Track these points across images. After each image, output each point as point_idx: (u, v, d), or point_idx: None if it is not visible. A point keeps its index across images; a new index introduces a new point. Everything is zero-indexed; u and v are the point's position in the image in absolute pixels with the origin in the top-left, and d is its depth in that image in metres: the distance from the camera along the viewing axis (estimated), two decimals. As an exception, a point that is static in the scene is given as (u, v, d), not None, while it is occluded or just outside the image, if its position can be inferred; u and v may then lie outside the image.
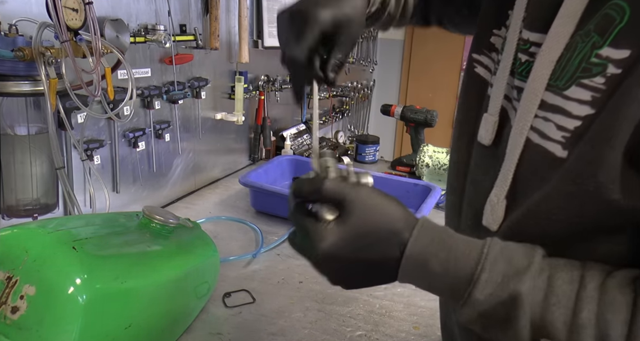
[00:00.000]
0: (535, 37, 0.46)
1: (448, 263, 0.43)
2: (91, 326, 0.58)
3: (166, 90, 1.27)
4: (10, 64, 0.83)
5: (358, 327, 0.86)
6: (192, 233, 0.85)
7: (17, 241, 0.60)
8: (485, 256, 0.42)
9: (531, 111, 0.43)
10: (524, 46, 0.47)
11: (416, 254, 0.43)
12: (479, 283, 0.41)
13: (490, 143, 0.51)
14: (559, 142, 0.41)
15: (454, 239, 0.44)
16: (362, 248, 0.45)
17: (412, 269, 0.44)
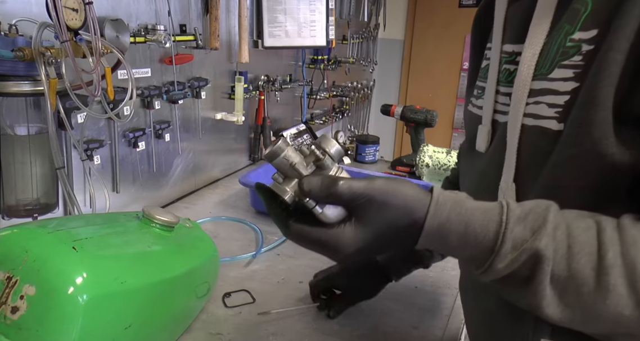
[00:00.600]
0: (518, 48, 0.53)
1: (467, 237, 0.44)
2: (91, 326, 0.58)
3: (166, 90, 1.28)
4: (10, 64, 0.83)
5: (358, 327, 0.86)
6: (192, 233, 0.85)
7: (17, 241, 0.60)
8: (505, 226, 0.43)
9: (522, 99, 0.50)
10: (510, 57, 0.55)
11: (434, 231, 0.45)
12: (499, 254, 0.43)
13: (485, 150, 0.58)
14: (553, 118, 0.47)
15: (470, 211, 0.45)
16: (383, 243, 0.47)
17: (431, 243, 0.46)
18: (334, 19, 1.78)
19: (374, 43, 2.78)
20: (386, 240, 0.47)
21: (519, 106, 0.50)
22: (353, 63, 2.45)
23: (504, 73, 0.56)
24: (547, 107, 0.48)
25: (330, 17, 1.74)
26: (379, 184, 0.46)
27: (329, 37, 1.76)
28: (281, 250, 1.13)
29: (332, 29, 1.77)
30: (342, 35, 2.37)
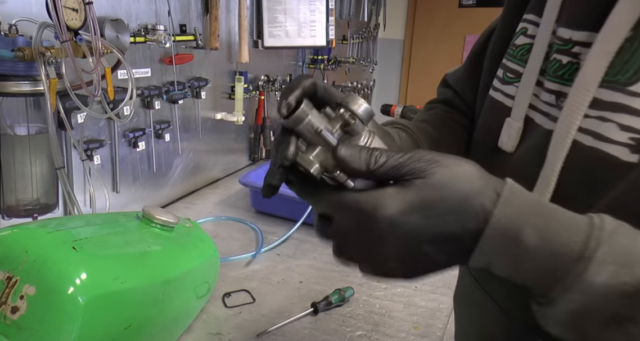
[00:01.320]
0: (580, 36, 0.42)
1: (549, 233, 0.33)
2: (91, 326, 0.58)
3: (166, 90, 1.28)
4: (10, 64, 0.83)
5: (358, 327, 0.86)
6: (192, 233, 0.85)
7: (17, 241, 0.60)
8: (600, 227, 0.32)
9: (580, 109, 0.39)
10: (565, 46, 0.43)
11: (506, 221, 0.33)
12: (593, 260, 0.31)
13: (513, 150, 0.48)
14: (626, 145, 0.36)
15: (552, 207, 0.35)
16: (433, 216, 0.34)
17: (498, 241, 0.34)
18: (334, 19, 1.78)
19: (374, 43, 2.78)
20: (438, 210, 0.34)
21: (573, 116, 0.39)
22: (353, 63, 2.45)
23: (553, 64, 0.44)
24: (617, 129, 0.37)
25: (330, 17, 1.74)
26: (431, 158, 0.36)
27: (329, 37, 1.76)
28: (281, 250, 1.13)
29: (332, 29, 1.77)
30: (342, 35, 2.37)
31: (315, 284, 0.99)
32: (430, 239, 0.35)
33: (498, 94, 0.52)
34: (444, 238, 0.35)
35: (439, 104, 0.69)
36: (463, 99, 0.66)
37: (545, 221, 0.33)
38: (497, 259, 0.35)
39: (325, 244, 0.41)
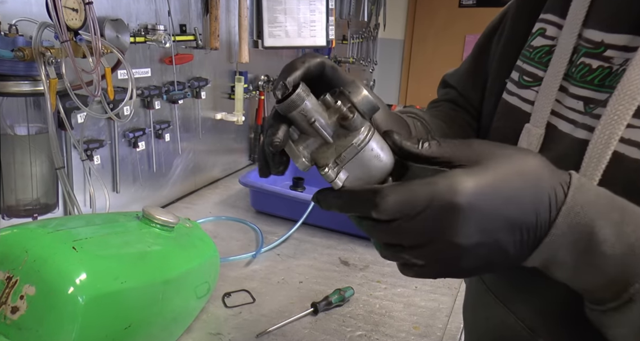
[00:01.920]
0: (614, 39, 0.39)
1: (624, 228, 0.30)
2: (91, 326, 0.58)
3: (166, 90, 1.28)
4: (10, 64, 0.83)
5: (358, 327, 0.86)
6: (192, 233, 0.85)
7: (17, 241, 0.60)
8: None
9: (623, 119, 0.36)
10: (596, 50, 0.41)
11: (579, 208, 0.31)
12: None
13: None
14: None
15: (623, 200, 0.32)
16: (510, 199, 0.31)
17: (569, 231, 0.31)
18: (334, 19, 1.78)
19: (374, 43, 2.78)
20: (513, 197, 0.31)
21: (615, 126, 0.36)
22: (353, 63, 2.45)
23: (581, 68, 0.41)
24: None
25: (330, 17, 1.74)
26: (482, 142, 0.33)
27: (329, 37, 1.76)
28: (281, 250, 1.13)
29: (332, 29, 1.77)
30: (342, 35, 2.37)
31: (315, 284, 0.99)
32: (506, 225, 0.31)
33: (514, 99, 0.49)
34: (519, 225, 0.31)
35: (444, 102, 0.68)
36: (467, 99, 0.65)
37: (621, 214, 0.31)
38: (564, 255, 0.32)
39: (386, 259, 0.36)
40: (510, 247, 0.32)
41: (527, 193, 0.31)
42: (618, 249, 0.30)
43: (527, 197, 0.31)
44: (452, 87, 0.69)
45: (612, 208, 0.31)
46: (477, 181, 0.31)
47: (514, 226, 0.31)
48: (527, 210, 0.31)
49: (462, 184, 0.30)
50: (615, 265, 0.30)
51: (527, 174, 0.31)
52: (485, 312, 0.56)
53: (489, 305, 0.54)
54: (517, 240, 0.32)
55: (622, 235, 0.30)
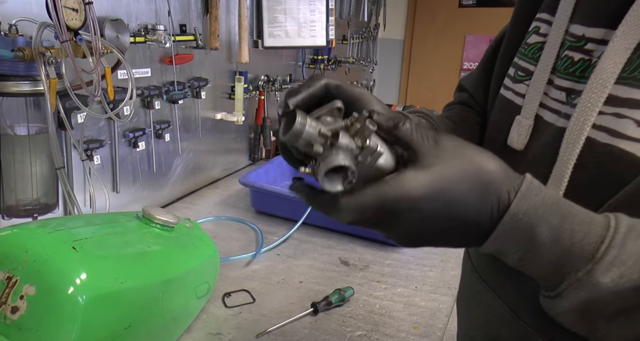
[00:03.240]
0: (594, 32, 0.42)
1: (561, 232, 0.34)
2: (91, 326, 0.58)
3: (166, 90, 1.28)
4: (10, 64, 0.83)
5: (358, 327, 0.86)
6: (192, 233, 0.85)
7: (17, 241, 0.60)
8: (615, 230, 0.33)
9: (595, 106, 0.39)
10: (577, 43, 0.43)
11: (522, 215, 0.34)
12: (602, 261, 0.33)
13: (523, 148, 0.47)
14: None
15: (569, 205, 0.35)
16: (453, 200, 0.35)
17: (512, 233, 0.35)
18: (334, 19, 1.78)
19: (374, 43, 2.78)
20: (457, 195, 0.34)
21: (587, 113, 0.39)
22: (353, 63, 2.46)
23: (565, 61, 0.44)
24: (634, 126, 0.37)
25: (330, 17, 1.74)
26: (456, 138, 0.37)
27: (329, 37, 1.76)
28: (281, 250, 1.13)
29: (332, 29, 1.77)
30: (342, 35, 2.37)
31: (315, 284, 0.99)
32: (448, 221, 0.35)
33: (509, 93, 0.52)
34: (461, 222, 0.35)
35: (457, 105, 0.70)
36: (477, 100, 0.68)
37: (561, 219, 0.34)
38: (509, 250, 0.36)
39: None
40: (455, 237, 0.37)
41: (473, 197, 0.35)
42: (554, 251, 0.34)
43: (471, 200, 0.35)
44: (465, 90, 0.71)
45: (554, 213, 0.34)
46: (423, 184, 0.34)
47: (456, 223, 0.35)
48: (470, 213, 0.35)
49: (406, 189, 0.34)
50: (551, 263, 0.35)
51: (478, 179, 0.35)
52: (476, 298, 0.59)
53: (480, 292, 0.57)
54: (462, 232, 0.36)
55: (558, 240, 0.34)
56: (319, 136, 0.35)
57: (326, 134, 0.35)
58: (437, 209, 0.35)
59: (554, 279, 0.35)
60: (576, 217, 0.35)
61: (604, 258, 0.33)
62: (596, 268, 0.33)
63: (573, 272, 0.34)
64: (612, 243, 0.33)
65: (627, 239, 0.33)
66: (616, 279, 0.32)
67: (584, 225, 0.34)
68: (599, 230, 0.34)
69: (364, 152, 0.35)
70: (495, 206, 0.35)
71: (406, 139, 0.36)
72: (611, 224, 0.34)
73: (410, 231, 0.37)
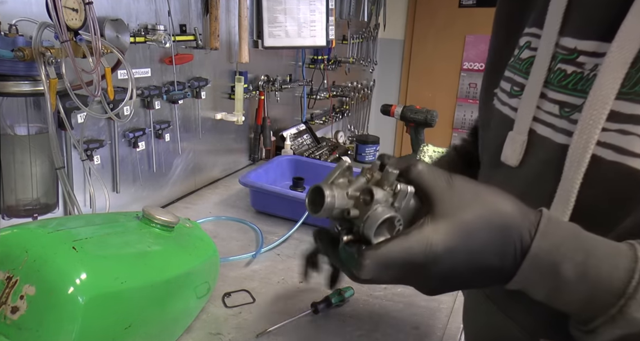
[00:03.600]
0: (586, 45, 0.41)
1: (587, 268, 0.33)
2: (91, 326, 0.58)
3: (166, 90, 1.27)
4: (10, 64, 0.83)
5: (358, 327, 0.86)
6: (192, 233, 0.85)
7: (17, 241, 0.60)
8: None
9: (598, 123, 0.38)
10: (570, 56, 0.42)
11: (544, 254, 0.34)
12: (635, 296, 0.32)
13: (518, 164, 0.47)
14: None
15: (591, 238, 0.35)
16: (475, 251, 0.35)
17: (535, 273, 0.35)
18: (334, 19, 1.78)
19: (374, 43, 2.78)
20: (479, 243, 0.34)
21: (590, 130, 0.38)
22: (353, 63, 2.45)
23: (557, 74, 0.44)
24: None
25: (330, 17, 1.74)
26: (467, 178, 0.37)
27: (329, 37, 1.76)
28: (281, 250, 1.13)
29: (332, 29, 1.77)
30: (342, 35, 2.37)
31: (315, 284, 0.99)
32: (471, 271, 0.36)
33: (506, 108, 0.51)
34: (484, 270, 0.36)
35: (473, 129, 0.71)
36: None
37: (585, 255, 0.34)
38: (535, 288, 0.36)
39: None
40: (480, 283, 0.37)
41: (494, 244, 0.35)
42: (582, 288, 0.34)
43: (493, 247, 0.35)
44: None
45: (577, 249, 0.34)
46: (445, 236, 0.34)
47: (480, 271, 0.36)
48: (492, 260, 0.35)
49: (430, 242, 0.34)
50: (580, 300, 0.34)
51: (497, 224, 0.35)
52: (484, 318, 0.57)
53: (489, 312, 0.55)
54: (485, 278, 0.36)
55: (585, 276, 0.33)
56: (350, 200, 0.36)
57: (355, 195, 0.37)
58: (461, 261, 0.35)
59: (585, 314, 0.35)
60: (600, 251, 0.34)
61: (637, 292, 0.32)
62: (629, 304, 0.32)
63: (605, 308, 0.33)
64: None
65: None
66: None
67: (609, 259, 0.33)
68: (626, 263, 0.33)
69: (399, 197, 0.36)
70: (517, 248, 0.34)
71: (419, 181, 0.37)
72: (638, 255, 0.33)
73: (434, 284, 0.37)
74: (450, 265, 0.35)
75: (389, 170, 0.37)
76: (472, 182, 0.37)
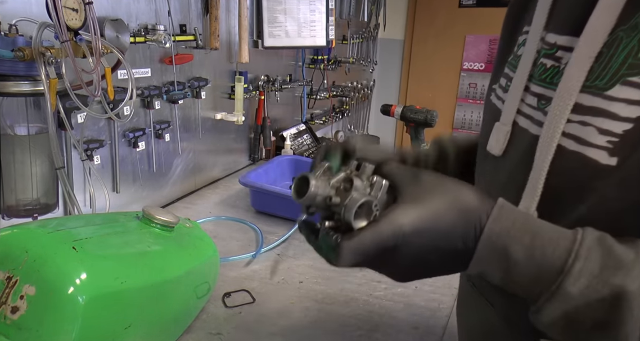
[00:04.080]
0: (564, 40, 0.43)
1: (533, 249, 0.37)
2: (91, 326, 0.58)
3: (166, 90, 1.27)
4: (10, 64, 0.83)
5: (358, 327, 0.86)
6: (192, 233, 0.85)
7: (17, 241, 0.60)
8: (580, 243, 0.36)
9: (563, 114, 0.40)
10: (550, 51, 0.44)
11: (495, 237, 0.37)
12: (571, 273, 0.35)
13: (501, 153, 0.49)
14: (604, 149, 0.37)
15: (539, 223, 0.38)
16: (440, 232, 0.38)
17: (489, 255, 0.38)
18: (334, 19, 1.78)
19: (374, 43, 2.78)
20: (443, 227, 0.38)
21: (557, 121, 0.40)
22: (353, 63, 2.45)
23: (540, 68, 0.45)
24: (597, 133, 0.38)
25: (330, 17, 1.74)
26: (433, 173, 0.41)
27: (329, 37, 1.76)
28: (281, 250, 1.13)
29: (332, 29, 1.77)
30: (342, 35, 2.37)
31: (315, 284, 0.99)
32: (438, 250, 0.39)
33: (499, 102, 0.53)
34: (448, 250, 0.39)
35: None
36: None
37: (532, 238, 0.37)
38: (491, 271, 0.39)
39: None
40: (446, 265, 0.41)
41: (457, 229, 0.38)
42: (530, 268, 0.37)
43: (457, 231, 0.38)
44: None
45: (525, 232, 0.37)
46: (413, 218, 0.38)
47: (444, 255, 0.39)
48: (456, 242, 0.39)
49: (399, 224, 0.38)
50: (530, 281, 0.37)
51: (459, 209, 0.38)
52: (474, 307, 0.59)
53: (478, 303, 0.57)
54: (448, 260, 0.40)
55: (532, 257, 0.37)
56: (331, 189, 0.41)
57: (337, 185, 0.41)
58: (428, 242, 0.38)
59: (535, 295, 0.37)
60: (546, 234, 0.37)
61: (572, 269, 0.35)
62: (565, 279, 0.35)
63: (548, 286, 0.36)
64: (578, 256, 0.35)
65: (592, 251, 0.35)
66: (584, 290, 0.35)
67: (553, 241, 0.37)
68: (567, 244, 0.36)
69: (375, 187, 0.41)
70: (477, 231, 0.38)
71: (390, 174, 0.41)
72: (577, 237, 0.36)
73: (403, 266, 0.41)
74: (418, 246, 0.38)
75: (366, 164, 0.42)
76: (438, 175, 0.41)
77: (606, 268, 0.35)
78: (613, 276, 0.34)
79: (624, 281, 0.34)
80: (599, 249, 0.36)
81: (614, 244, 0.36)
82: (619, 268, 0.35)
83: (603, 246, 0.36)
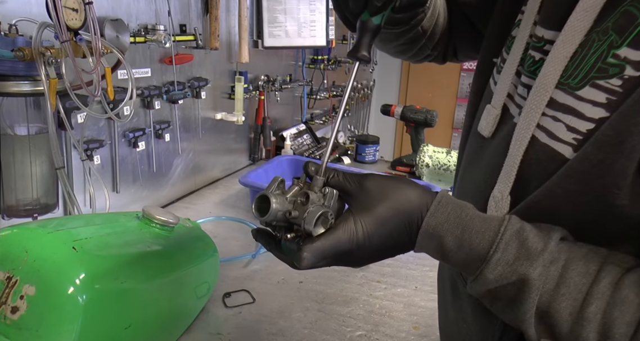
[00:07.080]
0: (550, 35, 0.44)
1: (462, 241, 0.43)
2: (91, 326, 0.58)
3: (166, 90, 1.27)
4: (10, 64, 0.83)
5: (358, 327, 0.86)
6: (192, 233, 0.85)
7: (17, 241, 0.60)
8: (501, 237, 0.41)
9: (539, 108, 0.42)
10: (538, 44, 0.46)
11: (432, 229, 0.44)
12: (490, 262, 0.41)
13: (490, 135, 0.51)
14: (570, 144, 0.40)
15: (470, 217, 0.43)
16: (389, 233, 0.45)
17: (427, 244, 0.45)
18: (334, 19, 1.78)
19: (374, 43, 2.77)
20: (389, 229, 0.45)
21: (533, 114, 0.43)
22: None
23: (528, 59, 0.47)
24: (565, 129, 0.40)
25: (330, 17, 1.74)
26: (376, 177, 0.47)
27: (329, 37, 1.76)
28: (281, 250, 1.13)
29: (332, 29, 1.77)
30: (342, 35, 2.37)
31: (315, 284, 0.99)
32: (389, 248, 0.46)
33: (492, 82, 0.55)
34: (395, 245, 0.46)
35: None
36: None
37: (462, 231, 0.43)
38: (430, 253, 0.46)
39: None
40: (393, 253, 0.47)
41: (401, 227, 0.44)
42: (460, 256, 0.43)
43: (401, 229, 0.45)
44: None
45: (457, 226, 0.43)
46: (365, 225, 0.44)
47: (392, 247, 0.46)
48: (403, 238, 0.45)
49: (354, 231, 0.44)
50: (461, 265, 0.44)
51: (402, 212, 0.44)
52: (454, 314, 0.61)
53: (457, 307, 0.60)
54: (397, 249, 0.47)
55: (461, 247, 0.43)
56: (289, 203, 0.46)
57: (293, 199, 0.47)
58: (378, 243, 0.45)
59: (465, 273, 0.45)
60: (474, 227, 0.42)
61: (491, 260, 0.41)
62: (485, 267, 0.41)
63: (474, 271, 0.43)
64: (497, 248, 0.41)
65: (509, 244, 0.41)
66: (498, 276, 0.41)
67: (479, 234, 0.42)
68: (491, 236, 0.42)
69: (327, 197, 0.47)
70: (418, 224, 0.44)
71: (338, 186, 0.47)
72: (500, 230, 0.41)
73: (359, 262, 0.48)
74: (369, 247, 0.45)
75: (317, 177, 0.47)
76: (381, 180, 0.46)
77: (518, 259, 0.40)
78: (521, 265, 0.40)
79: (527, 270, 0.39)
80: (515, 241, 0.41)
81: (529, 236, 0.41)
82: (527, 258, 0.40)
83: (520, 239, 0.41)
